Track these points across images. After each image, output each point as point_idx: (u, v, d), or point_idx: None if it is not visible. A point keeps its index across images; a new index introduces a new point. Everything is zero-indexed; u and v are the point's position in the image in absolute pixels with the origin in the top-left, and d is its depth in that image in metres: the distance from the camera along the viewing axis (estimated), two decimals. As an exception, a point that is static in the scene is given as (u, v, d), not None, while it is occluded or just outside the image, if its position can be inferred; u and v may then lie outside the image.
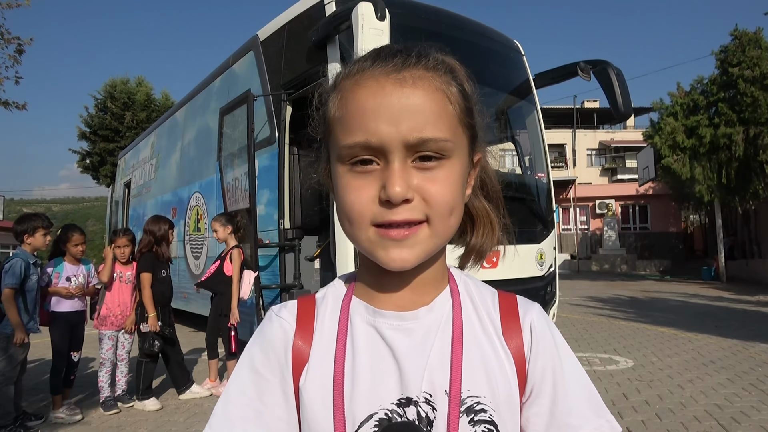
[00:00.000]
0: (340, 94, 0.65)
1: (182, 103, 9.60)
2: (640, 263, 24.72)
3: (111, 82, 27.42)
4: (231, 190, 6.81)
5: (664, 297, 13.29)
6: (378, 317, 0.68)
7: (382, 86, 0.61)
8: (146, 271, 4.72)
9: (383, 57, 0.64)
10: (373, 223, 0.62)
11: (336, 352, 0.67)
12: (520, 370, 0.68)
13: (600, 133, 34.33)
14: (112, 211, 14.46)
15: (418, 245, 0.62)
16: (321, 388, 0.65)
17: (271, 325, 0.72)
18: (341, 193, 0.64)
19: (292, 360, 0.68)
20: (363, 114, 0.61)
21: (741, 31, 15.89)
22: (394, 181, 0.59)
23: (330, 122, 0.67)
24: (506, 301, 0.74)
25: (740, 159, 15.70)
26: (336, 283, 0.76)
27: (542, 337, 0.71)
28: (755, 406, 4.25)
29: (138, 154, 12.10)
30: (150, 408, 4.59)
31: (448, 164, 0.63)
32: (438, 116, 0.62)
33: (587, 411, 0.68)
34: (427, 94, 0.61)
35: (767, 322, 8.73)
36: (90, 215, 52.64)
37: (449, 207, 0.63)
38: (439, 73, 0.64)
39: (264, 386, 0.68)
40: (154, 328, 4.65)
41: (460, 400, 0.64)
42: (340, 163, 0.64)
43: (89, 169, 28.38)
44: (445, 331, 0.68)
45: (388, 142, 0.60)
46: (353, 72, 0.65)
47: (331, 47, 5.11)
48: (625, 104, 5.47)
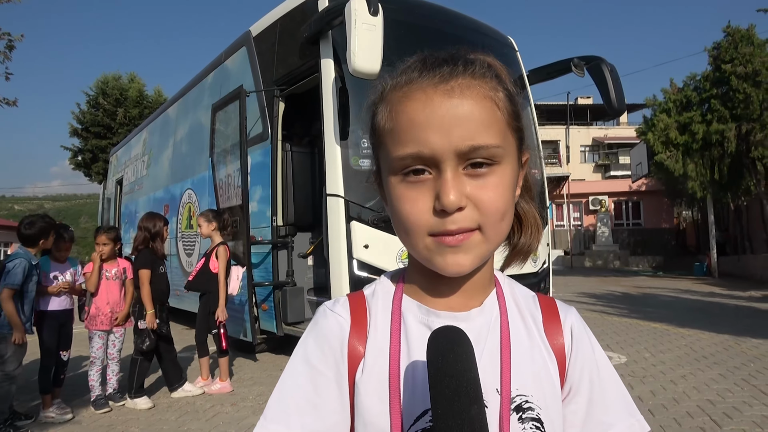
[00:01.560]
0: (389, 107, 0.66)
1: (174, 99, 9.54)
2: (632, 259, 24.82)
3: (103, 78, 27.22)
4: (223, 186, 6.77)
5: (656, 293, 13.34)
6: (432, 317, 0.70)
7: (431, 98, 0.62)
8: (144, 267, 4.68)
9: (429, 66, 0.65)
10: (429, 233, 0.64)
11: (391, 347, 0.69)
12: (561, 370, 0.72)
13: (593, 130, 34.44)
14: (104, 208, 14.39)
15: (472, 250, 0.64)
16: (377, 383, 0.67)
17: (326, 319, 0.73)
18: (396, 203, 0.66)
19: (348, 355, 0.69)
20: (413, 126, 0.62)
21: (734, 28, 15.93)
22: (448, 190, 0.61)
23: (380, 134, 0.68)
24: (546, 303, 0.78)
25: (732, 155, 15.76)
26: (383, 281, 0.77)
27: (580, 339, 0.75)
28: (747, 401, 4.26)
29: (130, 150, 12.03)
30: (141, 406, 4.56)
31: (499, 170, 0.64)
32: (488, 123, 0.63)
33: (621, 410, 0.72)
34: (476, 103, 0.62)
35: (759, 318, 8.78)
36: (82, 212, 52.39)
37: (501, 213, 0.64)
38: (486, 79, 0.65)
39: (319, 380, 0.69)
40: (152, 326, 4.61)
41: (510, 398, 0.66)
42: (392, 174, 0.66)
43: (81, 166, 28.19)
44: (495, 332, 0.70)
45: (439, 153, 0.61)
46: (401, 83, 0.66)
47: (324, 43, 5.08)
48: (619, 100, 5.48)
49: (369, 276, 4.79)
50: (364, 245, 4.76)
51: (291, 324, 5.83)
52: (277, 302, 5.86)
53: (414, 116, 0.62)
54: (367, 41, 4.04)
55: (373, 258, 4.77)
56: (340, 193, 4.82)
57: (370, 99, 0.72)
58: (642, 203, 27.39)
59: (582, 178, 30.52)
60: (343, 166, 4.86)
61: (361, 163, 4.93)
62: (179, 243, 8.44)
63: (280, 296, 5.85)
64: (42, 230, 4.26)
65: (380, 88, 0.69)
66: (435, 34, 5.30)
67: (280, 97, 5.95)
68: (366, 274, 4.77)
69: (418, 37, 5.11)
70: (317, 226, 6.15)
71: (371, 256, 4.77)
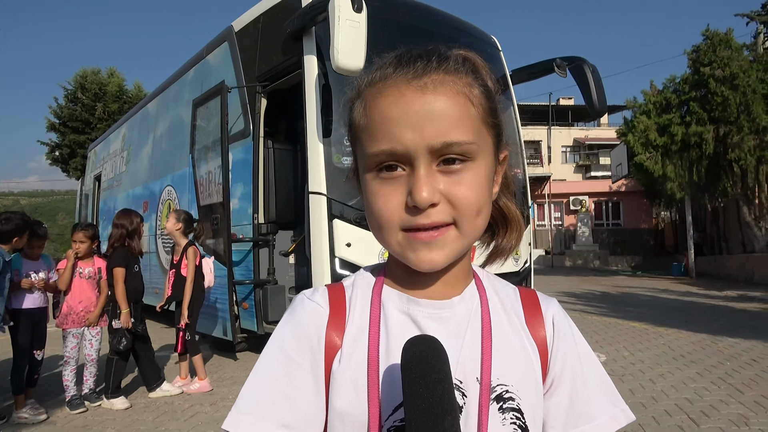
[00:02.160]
0: (363, 103, 0.66)
1: (155, 94, 9.41)
2: (612, 259, 25.12)
3: (82, 73, 26.76)
4: (204, 183, 6.69)
5: (635, 292, 13.51)
6: (413, 305, 0.69)
7: (404, 94, 0.62)
8: (119, 265, 4.57)
9: (404, 62, 0.64)
10: (402, 228, 0.64)
11: (369, 337, 0.68)
12: (543, 361, 0.71)
13: (574, 130, 34.77)
14: (82, 205, 14.16)
15: (447, 246, 0.64)
16: (355, 373, 0.66)
17: (303, 308, 0.71)
18: (370, 199, 0.65)
19: (325, 345, 0.68)
20: (386, 122, 0.62)
21: (712, 32, 16.17)
22: (420, 186, 0.60)
23: (356, 130, 0.68)
24: (528, 295, 0.77)
25: (710, 157, 16.01)
26: (363, 273, 0.77)
27: (562, 330, 0.74)
28: (724, 399, 4.32)
29: (109, 146, 11.84)
30: (118, 407, 4.47)
31: (473, 166, 0.63)
32: (461, 119, 0.62)
33: (604, 400, 0.72)
34: (449, 99, 0.62)
35: (734, 317, 8.93)
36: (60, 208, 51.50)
37: (476, 208, 0.64)
38: (460, 75, 0.64)
39: (294, 370, 0.67)
40: (127, 325, 4.51)
41: (491, 387, 0.66)
42: (367, 170, 0.65)
43: (59, 161, 27.70)
44: (475, 321, 0.70)
45: (412, 149, 0.61)
46: (375, 79, 0.65)
47: (307, 39, 5.04)
48: (600, 101, 5.52)
49: (351, 274, 4.75)
50: (347, 243, 4.73)
51: (272, 323, 5.77)
52: (258, 301, 5.80)
53: (387, 112, 0.62)
54: (350, 38, 4.01)
55: (355, 256, 4.74)
56: (323, 191, 4.78)
57: (347, 95, 0.71)
58: (622, 204, 27.74)
59: (563, 179, 30.81)
60: (325, 163, 4.82)
61: (343, 161, 4.90)
62: (158, 241, 8.32)
63: (261, 294, 5.80)
64: (18, 228, 4.16)
65: (356, 85, 0.69)
66: (418, 32, 5.28)
67: (263, 94, 5.89)
68: (348, 273, 4.72)
69: (401, 35, 5.09)
70: (299, 224, 6.10)
71: (354, 254, 4.74)
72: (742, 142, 15.09)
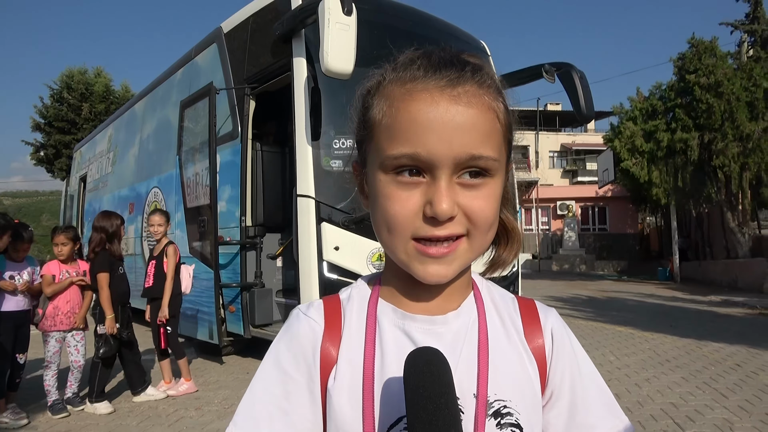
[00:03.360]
0: (388, 102, 0.63)
1: (142, 95, 9.33)
2: (598, 263, 25.30)
3: (68, 72, 26.45)
4: (191, 185, 6.63)
5: (621, 297, 13.61)
6: (408, 321, 0.69)
7: (437, 101, 0.60)
8: (103, 270, 4.50)
9: (435, 66, 0.62)
10: (414, 236, 0.62)
11: (365, 353, 0.67)
12: (541, 373, 0.70)
13: (562, 136, 35.00)
14: (67, 206, 13.99)
15: (456, 261, 0.63)
16: (350, 389, 0.65)
17: (299, 324, 0.71)
18: (383, 201, 0.63)
19: (320, 361, 0.67)
20: (414, 127, 0.60)
21: (698, 40, 16.38)
22: (441, 198, 0.59)
23: (373, 127, 0.65)
24: (526, 305, 0.76)
25: (695, 163, 16.19)
26: (359, 284, 0.76)
27: (561, 341, 0.73)
28: (708, 404, 4.36)
29: (95, 147, 11.71)
30: (102, 411, 4.40)
31: (491, 182, 0.63)
32: (489, 135, 0.62)
33: (603, 411, 0.71)
34: (481, 113, 0.61)
35: (718, 322, 9.02)
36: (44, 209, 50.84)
37: (489, 224, 0.64)
38: (491, 90, 0.63)
39: (291, 386, 0.67)
40: (112, 331, 4.45)
41: (487, 403, 0.65)
42: (382, 171, 0.63)
43: (43, 161, 27.34)
44: (472, 336, 0.69)
45: (438, 158, 0.59)
46: (404, 79, 0.63)
47: (296, 41, 5.02)
48: (588, 107, 5.55)
49: (339, 278, 4.74)
50: (335, 247, 4.71)
51: (258, 326, 5.73)
52: (245, 304, 5.75)
53: (417, 117, 0.60)
54: (340, 41, 4.00)
55: (343, 260, 4.73)
56: (311, 194, 4.76)
57: (364, 87, 0.69)
58: (608, 209, 27.97)
59: (550, 184, 30.99)
60: (314, 166, 4.80)
61: (332, 164, 4.88)
62: (144, 242, 8.24)
63: (248, 298, 5.75)
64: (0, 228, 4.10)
65: (377, 79, 0.66)
66: (408, 36, 5.29)
67: (251, 95, 5.86)
68: (336, 276, 4.72)
69: (391, 39, 5.09)
70: (287, 227, 6.07)
71: (342, 258, 4.72)
72: (726, 149, 15.28)
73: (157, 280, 5.03)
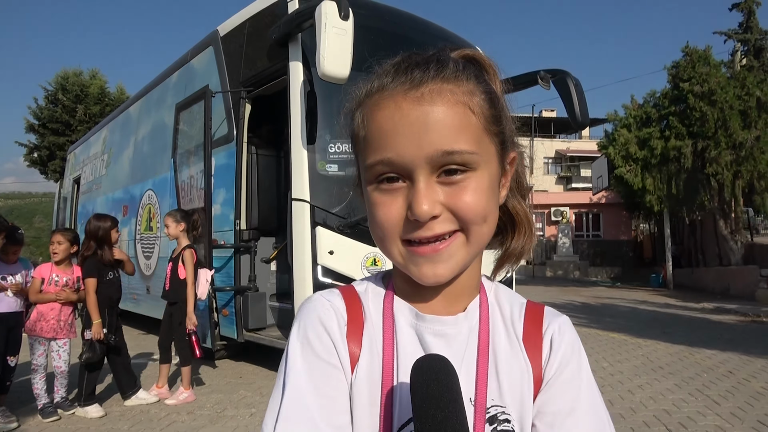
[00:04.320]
0: (362, 114, 0.65)
1: (137, 97, 9.31)
2: (592, 270, 25.35)
3: (63, 74, 26.43)
4: (186, 188, 6.62)
5: (614, 303, 13.64)
6: (420, 321, 0.68)
7: (400, 106, 0.60)
8: (91, 276, 4.43)
9: (402, 71, 0.63)
10: (403, 238, 0.63)
11: (384, 353, 0.66)
12: (536, 381, 0.69)
13: (557, 142, 35.20)
14: (60, 208, 13.92)
15: (452, 258, 0.62)
16: (370, 385, 0.65)
17: (326, 311, 0.68)
18: (371, 209, 0.65)
19: (348, 350, 0.67)
20: (383, 134, 0.61)
21: (692, 49, 16.50)
22: (420, 200, 0.59)
23: (357, 141, 0.67)
24: (533, 311, 0.74)
25: (688, 171, 16.27)
26: (374, 280, 0.75)
27: (560, 350, 0.70)
28: (701, 411, 4.37)
29: (89, 148, 11.67)
30: (92, 415, 4.36)
31: (474, 176, 0.62)
32: (460, 129, 0.60)
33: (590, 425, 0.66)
34: (447, 109, 0.60)
35: (711, 329, 9.05)
36: (37, 211, 50.53)
37: (481, 216, 0.62)
38: (460, 82, 0.62)
39: (330, 371, 0.65)
40: (98, 336, 4.37)
41: (485, 408, 0.65)
42: (368, 182, 0.65)
43: (37, 163, 27.27)
44: (474, 340, 0.68)
45: (410, 161, 0.60)
46: (374, 89, 0.64)
47: (292, 45, 5.03)
48: (583, 114, 5.58)
49: (333, 282, 4.73)
50: (329, 251, 4.70)
51: (252, 330, 5.71)
52: (239, 308, 5.73)
53: (383, 125, 0.61)
54: (336, 45, 4.01)
55: (338, 264, 4.72)
56: (306, 198, 4.76)
57: (347, 105, 0.69)
58: (602, 215, 28.05)
59: (545, 190, 31.12)
60: (309, 170, 4.80)
61: (327, 168, 4.88)
62: (138, 245, 8.20)
63: (242, 302, 5.73)
64: None
65: (356, 94, 0.67)
66: (404, 41, 5.30)
67: (247, 99, 5.86)
68: (330, 281, 4.71)
69: (387, 44, 5.10)
70: (281, 230, 6.06)
71: (336, 262, 4.71)
72: (719, 157, 15.37)
73: (172, 284, 4.94)
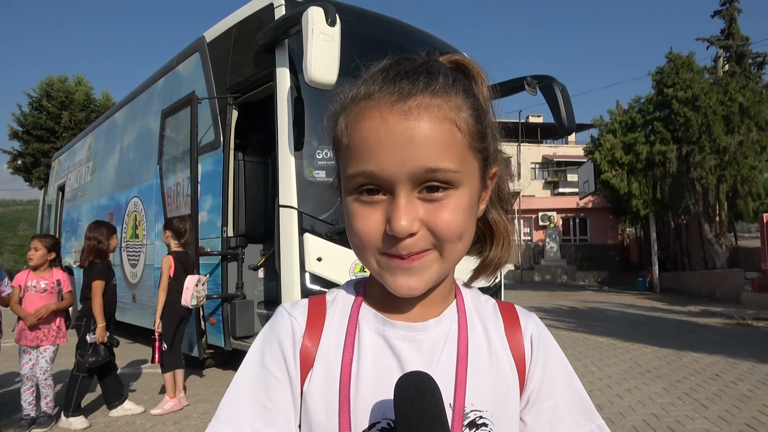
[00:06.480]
0: (346, 120, 0.63)
1: (122, 103, 9.23)
2: (579, 274, 25.50)
3: (48, 80, 26.14)
4: (172, 195, 6.56)
5: (602, 307, 13.72)
6: (387, 327, 0.68)
7: (386, 119, 0.59)
8: (100, 278, 4.45)
9: (390, 80, 0.61)
10: (380, 252, 0.63)
11: (343, 358, 0.67)
12: (521, 377, 0.70)
13: (543, 147, 35.41)
14: (45, 216, 13.75)
15: (425, 271, 0.63)
16: (325, 393, 0.65)
17: (282, 321, 0.71)
18: (350, 219, 0.64)
19: (300, 360, 0.68)
20: (366, 146, 0.60)
21: (675, 55, 16.72)
22: (399, 215, 0.59)
23: (337, 146, 0.66)
24: (507, 309, 0.75)
25: (673, 175, 16.45)
26: (346, 287, 0.76)
27: (541, 346, 0.73)
28: (689, 415, 4.39)
29: (74, 155, 11.54)
30: (77, 427, 4.27)
31: (455, 194, 0.61)
32: (445, 147, 0.59)
33: (579, 417, 0.71)
34: (434, 125, 0.59)
35: (698, 332, 9.12)
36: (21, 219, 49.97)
37: (457, 235, 0.62)
38: (449, 96, 0.61)
39: (272, 383, 0.67)
40: (102, 339, 4.35)
41: (464, 413, 0.64)
42: (347, 191, 0.64)
43: (21, 170, 26.92)
44: (452, 345, 0.68)
45: (393, 175, 0.59)
46: (360, 96, 0.62)
47: (279, 51, 5.01)
48: (569, 119, 5.60)
49: (322, 289, 4.69)
50: (317, 258, 4.67)
51: (239, 338, 5.66)
52: (226, 316, 5.68)
53: (368, 136, 0.60)
54: (323, 51, 4.00)
55: (326, 271, 4.69)
56: (294, 205, 4.73)
57: (330, 108, 0.68)
58: (588, 220, 28.25)
59: (532, 195, 31.25)
60: (296, 176, 4.77)
61: (315, 174, 4.86)
62: (123, 253, 8.11)
63: (229, 309, 5.68)
64: None
65: (341, 98, 0.66)
66: (390, 47, 5.28)
67: (234, 105, 5.82)
68: (319, 288, 4.68)
69: (374, 50, 5.10)
70: (269, 237, 6.01)
71: (324, 269, 4.68)
72: (703, 162, 15.56)
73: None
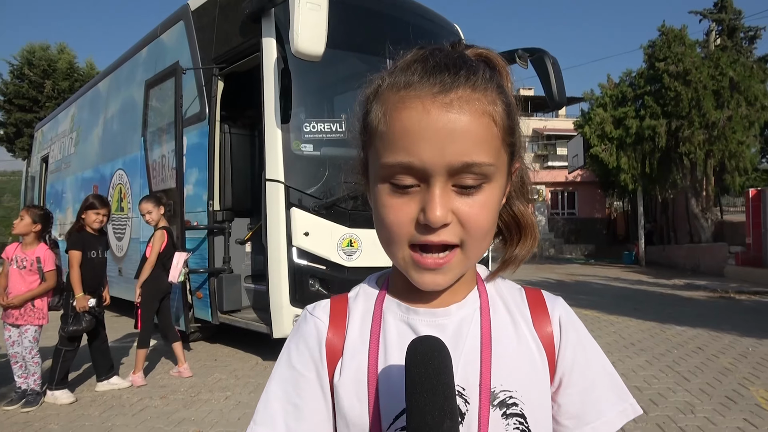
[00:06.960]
0: (383, 108, 0.63)
1: (106, 73, 9.03)
2: (566, 247, 25.73)
3: (29, 48, 25.54)
4: (157, 168, 6.46)
5: (588, 280, 13.88)
6: (411, 314, 0.70)
7: (428, 110, 0.59)
8: (75, 249, 4.35)
9: (430, 71, 0.61)
10: (410, 243, 0.63)
11: (369, 347, 0.69)
12: (550, 360, 0.71)
13: (533, 121, 35.29)
14: (28, 187, 13.56)
15: (452, 271, 0.65)
16: (356, 383, 0.67)
17: (306, 323, 0.74)
18: (380, 210, 0.65)
19: (326, 356, 0.70)
20: (407, 136, 0.60)
21: (668, 28, 16.60)
22: (435, 206, 0.60)
23: (371, 134, 0.66)
24: (533, 295, 0.77)
25: (662, 150, 16.49)
26: (368, 282, 0.78)
27: (569, 329, 0.74)
28: (671, 387, 4.46)
29: (57, 126, 11.32)
30: (62, 401, 4.26)
31: (488, 188, 0.63)
32: (483, 140, 0.61)
33: (612, 396, 0.73)
34: (474, 119, 0.60)
35: (682, 305, 9.26)
36: (5, 190, 49.23)
37: (484, 231, 0.64)
38: (487, 91, 0.62)
39: (301, 382, 0.70)
40: (84, 308, 4.29)
41: (492, 394, 0.66)
42: (380, 180, 0.64)
43: (4, 140, 26.50)
44: (476, 327, 0.70)
45: (431, 166, 0.59)
46: (399, 84, 0.62)
47: (266, 21, 4.88)
48: (560, 93, 5.56)
49: (309, 264, 4.68)
50: (305, 233, 4.64)
51: (227, 312, 5.65)
52: (213, 290, 5.66)
53: (408, 126, 0.60)
54: (311, 22, 3.89)
55: (313, 246, 4.67)
56: (280, 179, 4.67)
57: (364, 92, 0.69)
58: (577, 193, 28.37)
59: (521, 168, 31.29)
60: (283, 150, 4.71)
61: (302, 148, 4.79)
62: (108, 226, 8.01)
63: (216, 284, 5.65)
64: None
65: (376, 84, 0.66)
66: (380, 18, 5.18)
67: (219, 76, 5.70)
68: (306, 262, 4.66)
69: (363, 21, 4.98)
70: (256, 211, 5.97)
71: (311, 243, 4.66)
72: (692, 137, 15.60)
73: (140, 264, 5.00)
